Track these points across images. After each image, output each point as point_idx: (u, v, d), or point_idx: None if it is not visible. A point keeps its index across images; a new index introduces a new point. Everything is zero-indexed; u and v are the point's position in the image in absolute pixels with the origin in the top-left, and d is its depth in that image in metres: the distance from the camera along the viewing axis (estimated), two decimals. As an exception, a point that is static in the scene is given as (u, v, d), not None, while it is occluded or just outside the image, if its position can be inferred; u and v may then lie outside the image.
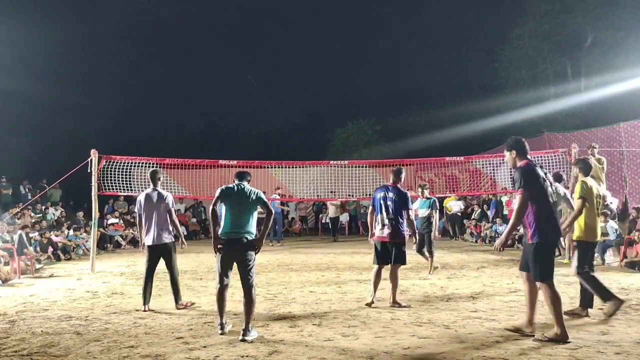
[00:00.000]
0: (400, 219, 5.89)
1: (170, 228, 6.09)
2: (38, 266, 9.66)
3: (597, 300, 5.93)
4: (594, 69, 20.60)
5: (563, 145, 13.08)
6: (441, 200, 17.95)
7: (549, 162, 10.83)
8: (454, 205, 16.31)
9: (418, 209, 8.16)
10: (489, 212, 15.25)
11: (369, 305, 5.79)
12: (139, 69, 28.60)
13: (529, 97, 22.14)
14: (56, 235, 12.27)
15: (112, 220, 15.46)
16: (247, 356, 3.99)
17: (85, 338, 4.64)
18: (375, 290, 5.93)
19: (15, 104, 19.73)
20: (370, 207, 6.26)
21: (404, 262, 5.99)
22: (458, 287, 7.12)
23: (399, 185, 6.05)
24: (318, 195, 15.06)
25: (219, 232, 4.78)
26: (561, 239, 4.76)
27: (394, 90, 30.30)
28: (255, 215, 4.86)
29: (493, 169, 13.57)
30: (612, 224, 9.44)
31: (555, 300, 4.25)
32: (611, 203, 9.99)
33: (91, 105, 25.13)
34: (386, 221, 5.87)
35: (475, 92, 26.26)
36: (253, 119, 30.56)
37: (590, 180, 5.24)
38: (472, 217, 15.89)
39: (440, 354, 3.94)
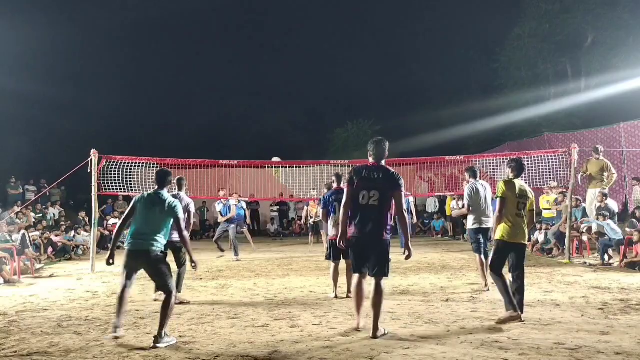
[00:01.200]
0: None
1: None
2: (38, 266, 9.66)
3: (596, 300, 5.94)
4: (594, 69, 20.62)
5: (563, 145, 13.09)
6: (443, 199, 17.98)
7: (549, 162, 10.84)
8: (453, 204, 16.30)
9: None
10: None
11: (334, 297, 6.32)
12: (140, 69, 28.63)
13: (529, 97, 22.16)
14: (56, 235, 12.27)
15: (112, 221, 15.46)
16: (247, 356, 3.99)
17: (85, 338, 4.64)
18: (336, 286, 6.43)
19: (15, 104, 19.72)
20: (323, 210, 6.56)
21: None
22: (458, 287, 7.12)
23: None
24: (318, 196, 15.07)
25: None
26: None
27: (394, 90, 30.36)
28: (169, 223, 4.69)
29: (493, 169, 13.57)
30: (612, 224, 9.43)
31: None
32: (601, 202, 10.00)
33: (91, 105, 25.17)
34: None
35: (475, 92, 26.29)
36: (253, 119, 30.58)
37: (517, 181, 5.13)
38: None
39: (440, 354, 3.94)
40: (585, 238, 10.47)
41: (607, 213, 9.64)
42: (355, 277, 4.69)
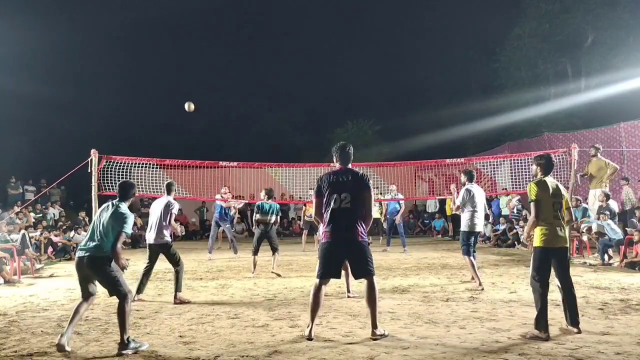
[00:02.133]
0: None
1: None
2: (38, 266, 9.66)
3: (596, 300, 5.94)
4: (594, 69, 20.61)
5: (563, 145, 13.09)
6: (443, 199, 17.99)
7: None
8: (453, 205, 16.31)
9: None
10: (489, 212, 15.24)
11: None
12: (140, 69, 28.61)
13: (529, 97, 22.15)
14: (56, 235, 12.27)
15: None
16: (247, 356, 3.99)
17: (85, 338, 4.64)
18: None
19: (15, 104, 19.72)
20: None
21: None
22: (458, 287, 7.12)
23: None
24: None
25: None
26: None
27: (394, 90, 30.32)
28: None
29: (493, 169, 13.57)
30: (612, 224, 9.43)
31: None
32: (603, 201, 10.01)
33: (91, 105, 25.15)
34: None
35: (475, 92, 26.28)
36: (253, 119, 30.56)
37: (549, 180, 4.71)
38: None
39: (440, 354, 3.94)
40: (585, 238, 10.47)
41: (608, 213, 9.65)
42: (316, 283, 4.54)
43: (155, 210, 6.73)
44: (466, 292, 6.70)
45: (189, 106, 10.27)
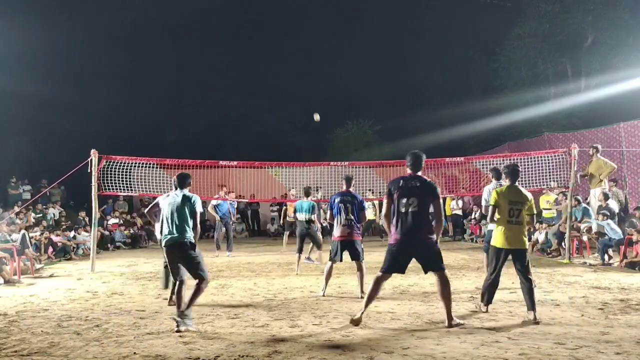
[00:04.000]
0: (357, 220, 6.47)
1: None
2: (38, 266, 9.66)
3: (596, 300, 5.94)
4: (594, 69, 20.60)
5: (563, 145, 13.09)
6: (442, 200, 17.97)
7: (549, 162, 10.84)
8: (453, 204, 16.33)
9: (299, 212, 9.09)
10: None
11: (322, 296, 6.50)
12: (140, 69, 28.58)
13: (529, 97, 22.14)
14: (56, 235, 12.28)
15: (112, 221, 15.47)
16: (247, 356, 3.99)
17: (85, 338, 4.64)
18: (327, 284, 6.62)
19: (15, 104, 19.71)
20: (329, 211, 6.78)
21: (362, 258, 6.52)
22: (458, 287, 7.12)
23: (352, 191, 6.65)
24: (320, 197, 15.06)
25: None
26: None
27: (394, 90, 30.31)
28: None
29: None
30: (612, 224, 9.43)
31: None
32: (602, 201, 10.01)
33: (91, 105, 25.13)
34: (345, 222, 6.43)
35: (475, 92, 26.28)
36: (253, 119, 30.56)
37: (511, 188, 5.38)
38: (472, 217, 15.89)
39: (440, 354, 3.94)
40: (585, 238, 10.47)
41: (608, 213, 9.64)
42: (379, 275, 5.03)
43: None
44: (466, 292, 6.70)
45: (316, 117, 10.38)
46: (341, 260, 6.51)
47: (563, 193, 11.03)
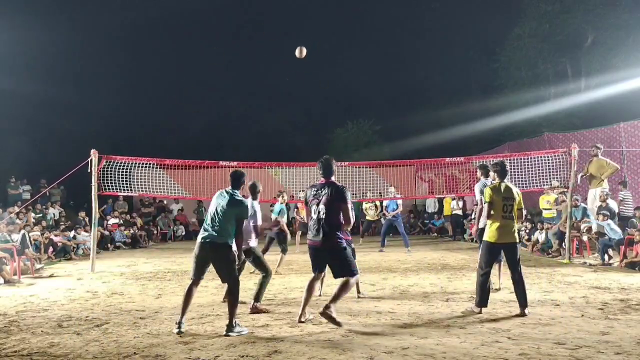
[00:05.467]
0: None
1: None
2: (38, 266, 9.66)
3: (596, 300, 5.94)
4: (594, 69, 20.59)
5: (563, 145, 13.09)
6: (441, 199, 18.00)
7: (549, 162, 10.84)
8: (453, 204, 16.33)
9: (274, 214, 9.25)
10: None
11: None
12: (140, 69, 28.56)
13: (529, 97, 22.14)
14: (56, 235, 12.28)
15: (112, 221, 15.47)
16: (247, 356, 3.99)
17: (85, 338, 4.64)
18: (322, 284, 6.58)
19: (15, 104, 19.71)
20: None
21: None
22: (458, 287, 7.12)
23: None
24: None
25: None
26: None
27: (394, 91, 30.29)
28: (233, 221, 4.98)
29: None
30: (612, 224, 9.43)
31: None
32: (604, 200, 10.00)
33: (91, 105, 25.11)
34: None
35: (475, 92, 26.26)
36: (253, 119, 30.55)
37: (502, 184, 5.50)
38: (472, 217, 15.88)
39: (440, 354, 3.94)
40: (585, 238, 10.47)
41: (608, 213, 9.64)
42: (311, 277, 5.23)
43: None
44: (466, 292, 6.70)
45: (301, 51, 9.46)
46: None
47: (563, 193, 11.04)
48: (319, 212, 4.98)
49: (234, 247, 5.03)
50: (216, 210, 4.98)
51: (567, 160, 10.18)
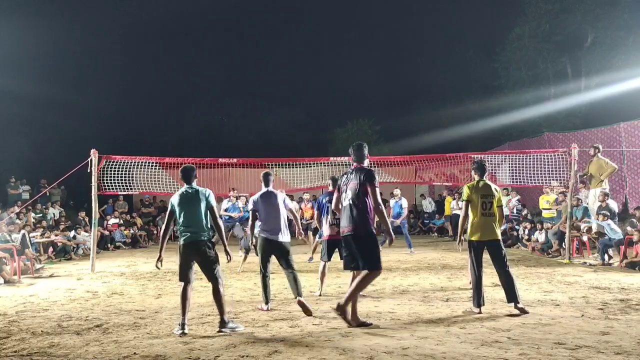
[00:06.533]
0: None
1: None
2: (38, 266, 9.67)
3: (596, 300, 5.94)
4: (594, 69, 20.59)
5: (563, 145, 13.09)
6: (442, 199, 17.99)
7: (549, 162, 10.84)
8: (453, 204, 16.30)
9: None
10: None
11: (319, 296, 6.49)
12: (139, 69, 28.59)
13: (529, 97, 22.15)
14: (56, 235, 12.28)
15: (112, 221, 15.47)
16: (247, 356, 3.99)
17: (85, 338, 4.64)
18: (322, 284, 6.62)
19: (15, 104, 19.71)
20: (316, 212, 6.80)
21: None
22: (458, 287, 7.12)
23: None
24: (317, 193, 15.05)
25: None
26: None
27: (394, 90, 30.31)
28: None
29: (492, 169, 13.56)
30: (612, 224, 9.43)
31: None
32: (603, 201, 10.00)
33: (91, 105, 25.11)
34: (333, 221, 6.34)
35: (476, 92, 26.24)
36: (253, 118, 30.55)
37: (481, 182, 5.59)
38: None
39: (440, 354, 3.94)
40: (585, 238, 10.47)
41: (608, 213, 9.64)
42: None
43: (275, 207, 5.99)
44: (466, 292, 6.70)
45: None
46: (329, 260, 6.50)
47: (563, 193, 11.04)
48: (346, 199, 4.97)
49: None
50: (188, 209, 4.93)
51: (567, 160, 10.18)
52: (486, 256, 5.53)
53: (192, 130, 28.95)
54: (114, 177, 10.82)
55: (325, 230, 6.54)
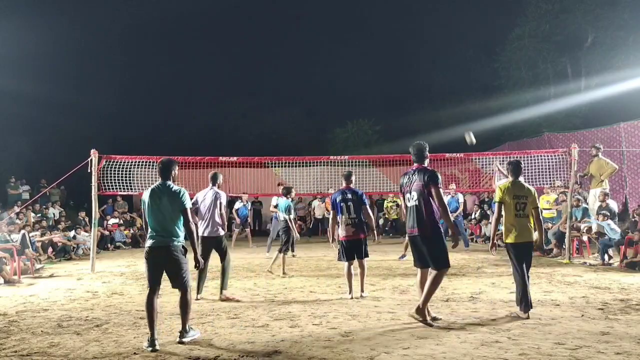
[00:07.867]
0: (361, 217, 6.38)
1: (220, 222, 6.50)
2: (38, 266, 9.66)
3: (596, 300, 5.94)
4: (594, 69, 20.60)
5: (563, 145, 13.09)
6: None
7: (549, 162, 10.84)
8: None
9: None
10: (489, 212, 15.22)
11: (351, 299, 6.26)
12: (139, 69, 28.62)
13: (529, 97, 22.15)
14: (56, 235, 12.28)
15: (112, 221, 15.47)
16: (247, 356, 3.99)
17: (85, 338, 4.64)
18: (351, 285, 6.41)
19: (15, 104, 19.73)
20: (332, 211, 6.69)
21: (367, 255, 6.50)
22: (458, 287, 7.12)
23: (352, 187, 6.54)
24: (319, 191, 15.04)
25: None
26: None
27: (394, 90, 30.31)
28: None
29: (492, 169, 13.56)
30: (612, 224, 9.42)
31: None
32: (602, 201, 9.99)
33: (91, 105, 25.13)
34: (349, 221, 6.32)
35: (476, 92, 26.26)
36: (253, 118, 30.55)
37: (514, 183, 5.43)
38: (473, 217, 15.88)
39: (440, 354, 3.94)
40: (585, 238, 10.47)
41: (608, 213, 9.64)
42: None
43: (205, 203, 6.51)
44: (466, 292, 6.70)
45: (470, 137, 9.61)
46: (353, 259, 6.39)
47: (564, 193, 11.04)
48: (411, 200, 4.97)
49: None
50: (158, 210, 4.43)
51: (567, 160, 10.18)
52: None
53: (193, 130, 28.95)
54: (114, 177, 10.82)
55: (342, 231, 6.43)
